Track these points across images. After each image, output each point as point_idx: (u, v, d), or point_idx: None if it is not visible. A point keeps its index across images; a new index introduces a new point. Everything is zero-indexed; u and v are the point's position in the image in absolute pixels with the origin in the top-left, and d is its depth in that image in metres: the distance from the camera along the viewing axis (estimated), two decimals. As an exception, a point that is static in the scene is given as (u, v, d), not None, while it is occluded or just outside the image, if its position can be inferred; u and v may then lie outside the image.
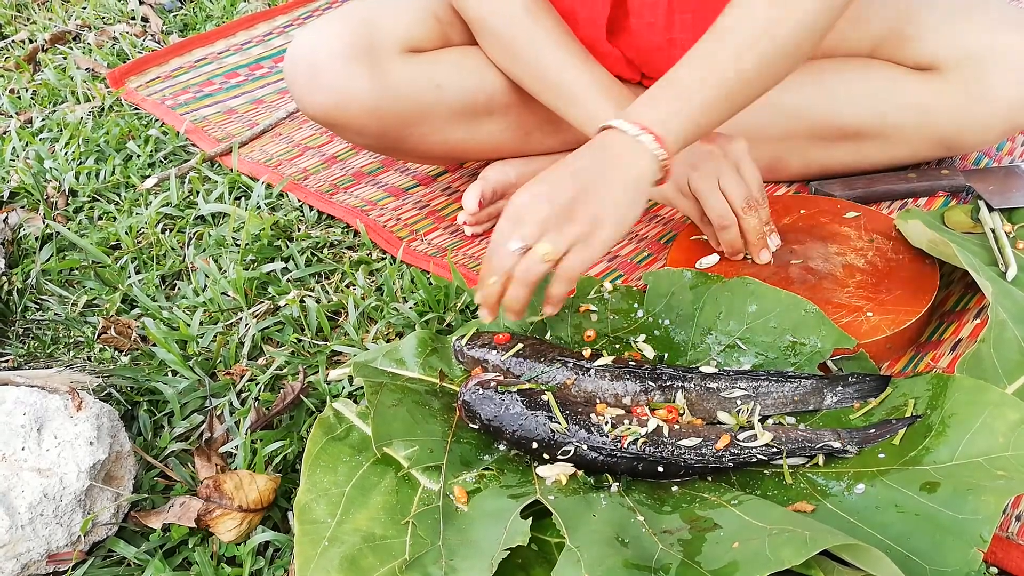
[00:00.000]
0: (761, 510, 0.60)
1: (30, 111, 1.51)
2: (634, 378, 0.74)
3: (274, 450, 0.78)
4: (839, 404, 0.72)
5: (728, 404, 0.73)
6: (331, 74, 0.95)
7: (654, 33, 1.00)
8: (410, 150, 1.05)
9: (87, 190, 1.24)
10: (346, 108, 0.97)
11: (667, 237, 1.06)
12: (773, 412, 0.73)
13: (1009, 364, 0.70)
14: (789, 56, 0.78)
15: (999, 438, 0.62)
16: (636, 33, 1.00)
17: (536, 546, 0.64)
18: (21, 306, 1.02)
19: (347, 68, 0.94)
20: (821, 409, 0.73)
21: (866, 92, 0.99)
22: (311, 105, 0.98)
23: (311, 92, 0.97)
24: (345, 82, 0.95)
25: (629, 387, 0.74)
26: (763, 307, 0.79)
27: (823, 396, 0.73)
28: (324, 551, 0.62)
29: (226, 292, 1.00)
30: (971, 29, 0.94)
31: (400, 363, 0.79)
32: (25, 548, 0.67)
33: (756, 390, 0.73)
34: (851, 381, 0.73)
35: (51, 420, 0.72)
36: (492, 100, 1.02)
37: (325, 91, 0.96)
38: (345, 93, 0.96)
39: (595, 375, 0.74)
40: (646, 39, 1.01)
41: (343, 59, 0.95)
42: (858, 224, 0.95)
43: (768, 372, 0.74)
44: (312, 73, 0.96)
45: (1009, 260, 0.84)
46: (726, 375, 0.74)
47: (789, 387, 0.73)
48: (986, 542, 0.56)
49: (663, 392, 0.73)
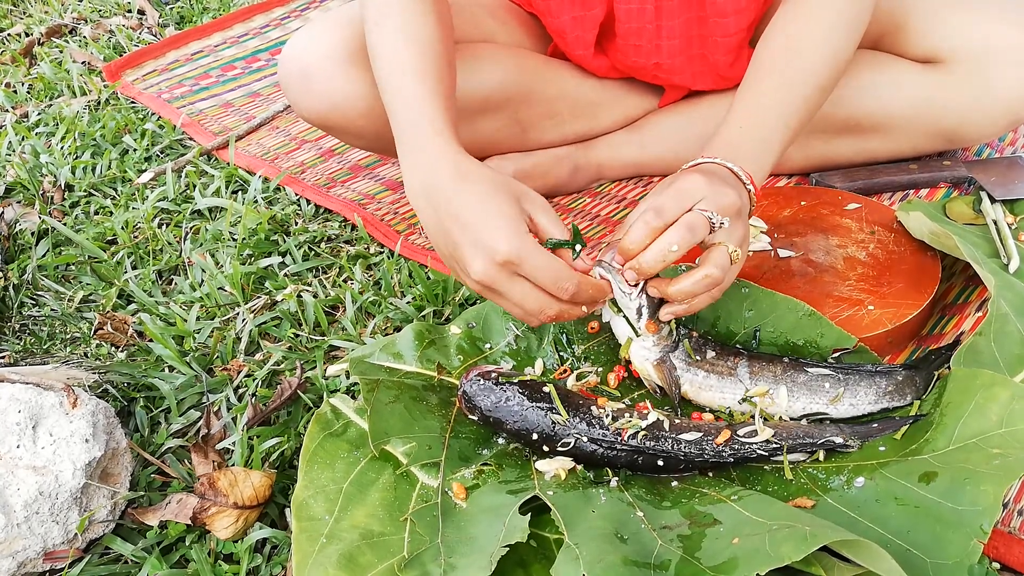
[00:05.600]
0: (761, 506, 0.60)
1: (26, 105, 1.50)
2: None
3: (271, 446, 0.78)
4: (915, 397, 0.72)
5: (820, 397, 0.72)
6: (324, 79, 0.94)
7: (640, 55, 1.01)
8: None
9: (83, 185, 1.24)
10: (341, 112, 0.96)
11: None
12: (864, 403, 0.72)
13: (1011, 357, 0.70)
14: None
15: (992, 417, 0.62)
16: (623, 52, 1.01)
17: (535, 542, 0.63)
18: (17, 302, 1.02)
19: (340, 72, 0.94)
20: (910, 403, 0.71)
21: (868, 85, 0.98)
22: (306, 110, 0.98)
23: (305, 97, 0.96)
24: (339, 86, 0.94)
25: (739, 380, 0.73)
26: (760, 311, 0.79)
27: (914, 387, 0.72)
28: (322, 548, 0.61)
29: (223, 287, 1.00)
30: (975, 21, 0.93)
31: (398, 357, 0.79)
32: (21, 546, 0.66)
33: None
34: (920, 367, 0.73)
35: (46, 417, 0.71)
36: (489, 98, 1.01)
37: (319, 96, 0.95)
38: (339, 97, 0.95)
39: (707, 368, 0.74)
40: (632, 60, 1.01)
41: (336, 63, 0.94)
42: (859, 216, 0.94)
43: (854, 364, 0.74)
44: (305, 78, 0.95)
45: (1011, 252, 0.83)
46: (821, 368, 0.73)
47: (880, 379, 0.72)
48: (986, 533, 0.56)
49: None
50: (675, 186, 0.70)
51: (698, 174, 0.71)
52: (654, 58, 1.00)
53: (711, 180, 0.70)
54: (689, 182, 0.70)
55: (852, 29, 0.82)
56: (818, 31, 0.81)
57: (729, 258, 0.69)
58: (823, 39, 0.81)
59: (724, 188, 0.70)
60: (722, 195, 0.69)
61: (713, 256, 0.69)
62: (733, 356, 0.74)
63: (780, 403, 0.72)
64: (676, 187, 0.70)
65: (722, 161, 0.74)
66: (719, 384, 0.73)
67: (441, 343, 0.81)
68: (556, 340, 0.81)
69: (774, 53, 0.81)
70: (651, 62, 1.00)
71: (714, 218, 0.69)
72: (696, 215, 0.68)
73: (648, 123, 1.11)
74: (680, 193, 0.69)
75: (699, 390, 0.73)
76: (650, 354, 0.73)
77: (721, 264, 0.69)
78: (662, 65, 1.01)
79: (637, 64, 1.02)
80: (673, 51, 1.00)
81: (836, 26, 0.81)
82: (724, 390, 0.73)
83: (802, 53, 0.80)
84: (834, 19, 0.81)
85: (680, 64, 1.01)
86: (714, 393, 0.73)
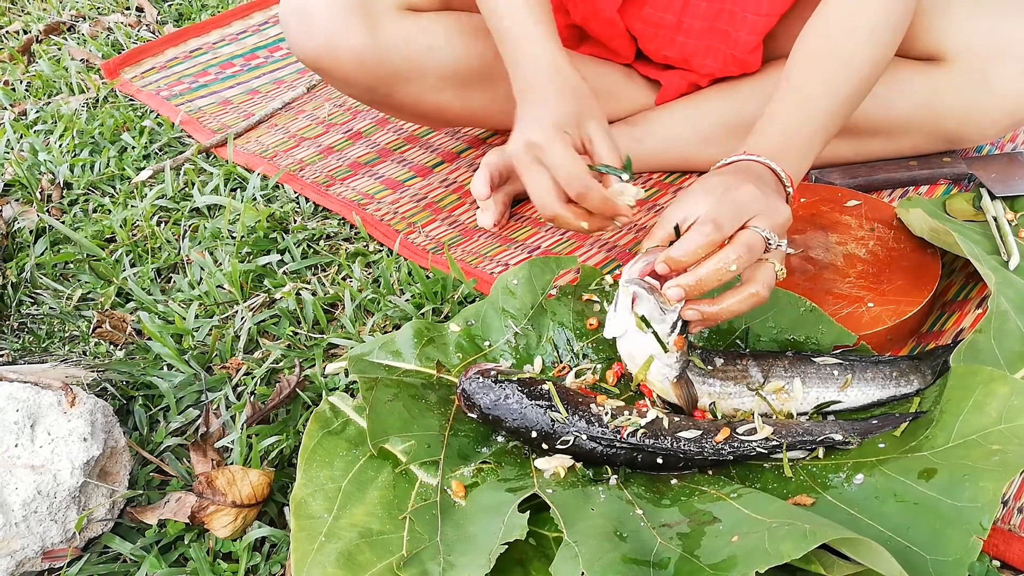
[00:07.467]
0: (761, 503, 0.60)
1: (24, 103, 1.50)
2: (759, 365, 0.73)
3: (270, 444, 0.78)
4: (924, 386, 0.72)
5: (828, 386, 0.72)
6: (324, 19, 0.95)
7: (668, 11, 1.00)
8: (400, 107, 1.05)
9: (82, 183, 1.24)
10: (336, 55, 0.96)
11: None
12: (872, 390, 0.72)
13: (1011, 354, 0.70)
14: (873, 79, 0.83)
15: (992, 413, 0.62)
16: (651, 5, 1.00)
17: (534, 540, 0.63)
18: (16, 300, 1.02)
19: (340, 15, 0.94)
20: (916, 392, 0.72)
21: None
22: (301, 48, 0.98)
23: (302, 34, 0.97)
24: (336, 28, 0.95)
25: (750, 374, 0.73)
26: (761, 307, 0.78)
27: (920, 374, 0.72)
28: (321, 547, 0.61)
29: (222, 285, 1.00)
30: (978, 18, 0.92)
31: (396, 355, 0.79)
32: (20, 545, 0.66)
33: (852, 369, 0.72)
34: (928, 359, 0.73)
35: (44, 416, 0.71)
36: (484, 69, 1.01)
37: (316, 35, 0.96)
38: (336, 40, 0.95)
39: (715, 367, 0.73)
40: (658, 15, 1.00)
41: (337, 5, 0.94)
42: (859, 213, 0.94)
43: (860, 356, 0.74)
44: (305, 16, 0.96)
45: (1011, 249, 0.83)
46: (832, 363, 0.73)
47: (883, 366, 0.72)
48: (985, 530, 0.56)
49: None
50: (731, 197, 0.67)
51: (751, 184, 0.68)
52: (680, 16, 1.00)
53: (765, 192, 0.68)
54: (745, 194, 0.68)
55: (897, 28, 0.81)
56: (864, 29, 0.79)
57: (776, 276, 0.69)
58: (868, 39, 0.79)
59: (778, 204, 0.69)
60: (776, 212, 0.68)
61: (761, 274, 0.67)
62: (739, 358, 0.73)
63: (796, 395, 0.71)
64: (732, 199, 0.67)
65: (767, 161, 0.73)
66: (736, 389, 0.72)
67: (440, 341, 0.81)
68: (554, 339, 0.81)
69: (821, 49, 0.79)
70: (676, 19, 1.00)
71: (771, 238, 0.67)
72: (755, 235, 0.66)
73: (645, 118, 1.11)
74: (737, 206, 0.67)
75: (719, 399, 0.71)
76: (671, 372, 0.70)
77: (769, 283, 0.68)
78: (682, 24, 1.00)
79: (662, 21, 1.01)
80: (698, 12, 0.99)
81: (882, 25, 0.79)
82: (743, 395, 0.72)
83: (849, 53, 0.79)
84: (881, 17, 0.79)
85: (702, 27, 1.01)
86: (734, 400, 0.72)
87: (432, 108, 1.04)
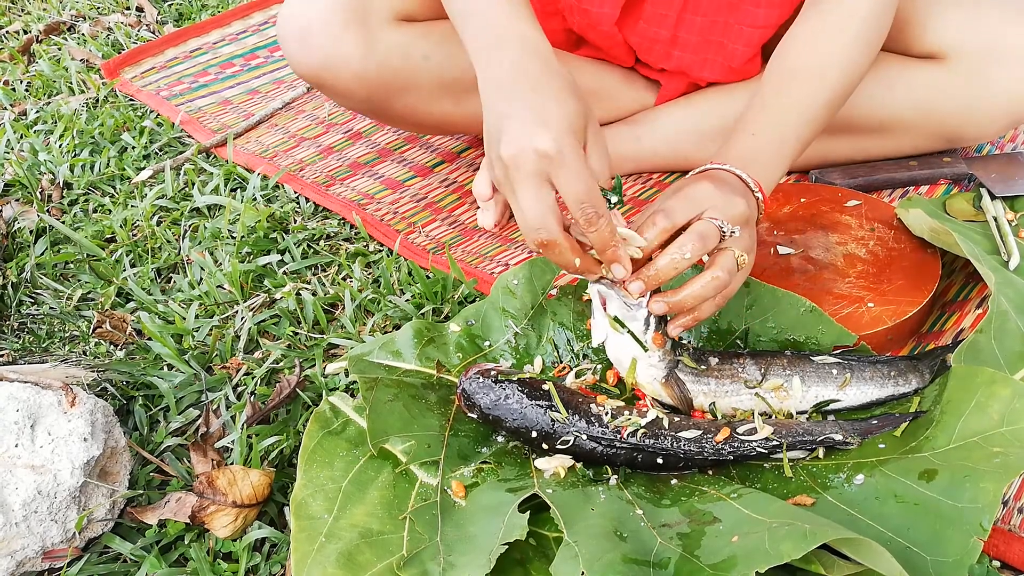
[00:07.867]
0: (761, 503, 0.60)
1: (24, 103, 1.50)
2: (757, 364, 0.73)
3: (270, 445, 0.78)
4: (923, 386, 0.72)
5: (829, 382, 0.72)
6: (321, 36, 0.95)
7: (663, 26, 1.00)
8: (399, 117, 1.05)
9: (82, 182, 1.24)
10: (334, 71, 0.96)
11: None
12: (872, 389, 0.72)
13: (1011, 355, 0.70)
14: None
15: (993, 415, 0.62)
16: (646, 19, 1.00)
17: (534, 540, 0.63)
18: (16, 300, 1.02)
19: (337, 31, 0.94)
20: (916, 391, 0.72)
21: (870, 87, 0.98)
22: (300, 65, 0.98)
23: (301, 52, 0.97)
24: (334, 45, 0.95)
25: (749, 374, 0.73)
26: (761, 306, 0.79)
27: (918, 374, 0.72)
28: (321, 547, 0.61)
29: (222, 285, 1.00)
30: (977, 17, 0.92)
31: (397, 355, 0.79)
32: (20, 545, 0.66)
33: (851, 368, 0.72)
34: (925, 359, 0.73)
35: (44, 416, 0.71)
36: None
37: (314, 52, 0.96)
38: (334, 56, 0.95)
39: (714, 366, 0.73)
40: (653, 29, 1.00)
41: (334, 22, 0.94)
42: (859, 213, 0.94)
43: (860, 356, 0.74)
44: (303, 34, 0.96)
45: (1011, 249, 0.83)
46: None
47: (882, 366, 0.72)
48: (986, 531, 0.56)
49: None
50: (684, 192, 0.70)
51: (707, 181, 0.70)
52: (675, 30, 1.00)
53: (721, 188, 0.70)
54: (699, 189, 0.69)
55: (872, 43, 0.82)
56: (839, 43, 0.80)
57: (736, 263, 0.69)
58: (844, 53, 0.80)
59: (734, 197, 0.70)
60: (732, 204, 0.69)
61: (720, 259, 0.69)
62: (736, 358, 0.74)
63: (795, 393, 0.71)
64: (685, 193, 0.69)
65: (731, 168, 0.74)
66: (734, 388, 0.72)
67: (440, 341, 0.81)
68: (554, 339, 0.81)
69: (794, 63, 0.81)
70: (671, 33, 1.00)
71: (724, 227, 0.68)
72: (707, 223, 0.68)
73: (645, 117, 1.11)
74: (690, 199, 0.69)
75: (717, 399, 0.72)
76: (657, 372, 0.71)
77: (728, 267, 0.68)
78: (678, 39, 1.00)
79: (657, 35, 1.01)
80: (693, 27, 0.99)
81: (858, 39, 0.80)
82: (740, 393, 0.72)
83: (822, 66, 0.80)
84: (856, 32, 0.80)
85: (697, 41, 1.01)
86: (732, 399, 0.72)
87: (431, 116, 1.04)
